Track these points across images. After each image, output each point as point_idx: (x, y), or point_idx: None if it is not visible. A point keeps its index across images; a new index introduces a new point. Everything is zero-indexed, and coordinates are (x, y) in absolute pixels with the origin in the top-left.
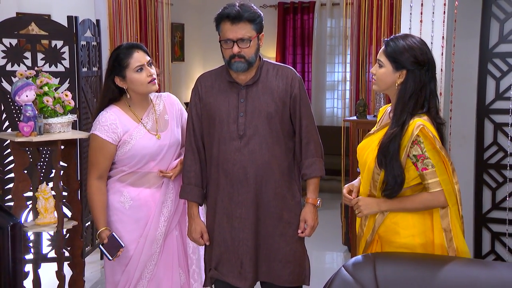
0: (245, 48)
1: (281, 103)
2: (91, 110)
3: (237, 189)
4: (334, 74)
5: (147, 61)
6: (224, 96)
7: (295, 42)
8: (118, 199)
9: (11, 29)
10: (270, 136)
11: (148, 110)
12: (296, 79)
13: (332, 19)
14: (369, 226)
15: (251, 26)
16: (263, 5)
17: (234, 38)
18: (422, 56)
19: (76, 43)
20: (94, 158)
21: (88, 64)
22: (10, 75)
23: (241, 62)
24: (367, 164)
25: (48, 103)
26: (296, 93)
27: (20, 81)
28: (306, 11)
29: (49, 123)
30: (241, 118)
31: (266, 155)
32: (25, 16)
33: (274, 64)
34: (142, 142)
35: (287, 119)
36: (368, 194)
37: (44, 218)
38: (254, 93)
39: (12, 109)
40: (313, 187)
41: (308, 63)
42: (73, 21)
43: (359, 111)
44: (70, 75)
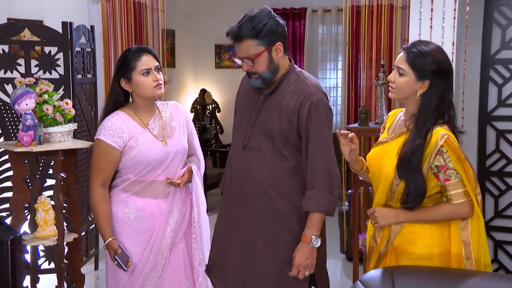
0: (252, 66)
1: (287, 122)
2: (86, 118)
3: (234, 197)
4: (326, 80)
5: (155, 66)
6: (247, 101)
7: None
8: (122, 210)
9: (4, 35)
10: (271, 153)
11: (154, 116)
12: (309, 99)
13: (324, 26)
14: (383, 237)
15: (256, 42)
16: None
17: (240, 56)
18: (445, 65)
19: (71, 49)
20: (98, 164)
21: (82, 71)
22: (3, 82)
23: (256, 79)
24: (383, 174)
25: (48, 112)
26: (303, 115)
27: (19, 89)
28: (298, 17)
29: (49, 132)
30: (250, 128)
31: (263, 171)
32: (19, 22)
33: (298, 76)
34: (148, 148)
35: (296, 138)
36: (384, 205)
37: (43, 231)
38: (268, 105)
39: (5, 117)
40: (309, 223)
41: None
42: (67, 27)
43: (361, 118)
44: (64, 82)
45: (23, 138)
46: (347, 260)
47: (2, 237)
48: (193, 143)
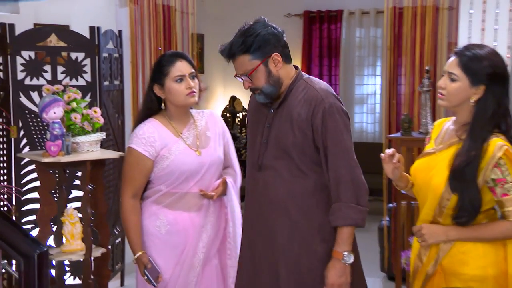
0: (251, 82)
1: (301, 134)
2: (113, 127)
3: (252, 222)
4: (363, 86)
5: (189, 73)
6: (257, 117)
7: (322, 53)
8: (153, 224)
9: (30, 41)
10: (287, 170)
11: (188, 125)
12: (320, 105)
13: (362, 29)
14: (431, 256)
15: (249, 57)
16: (288, 14)
17: (238, 74)
18: (502, 69)
19: (98, 55)
20: (129, 174)
21: (109, 78)
22: (29, 89)
23: (259, 94)
24: (431, 188)
25: (76, 120)
26: (317, 123)
27: (47, 97)
28: (334, 20)
29: (77, 141)
30: (263, 145)
31: (281, 191)
32: (45, 27)
33: (307, 83)
34: (181, 158)
35: (313, 151)
36: (431, 221)
37: (70, 245)
38: (278, 119)
39: (31, 125)
40: (339, 238)
41: (335, 75)
42: (95, 32)
43: (404, 128)
44: (91, 89)
45: (50, 148)
46: (387, 279)
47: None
48: (229, 155)
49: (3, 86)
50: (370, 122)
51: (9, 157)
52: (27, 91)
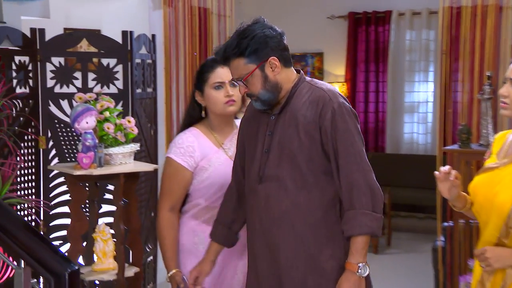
0: (246, 87)
1: (307, 138)
2: (145, 137)
3: (254, 242)
4: (414, 94)
5: (230, 80)
6: (256, 126)
7: (368, 58)
8: (191, 240)
9: (61, 46)
10: (291, 179)
11: (231, 135)
12: (328, 106)
13: (412, 31)
14: (496, 283)
15: (244, 61)
16: (331, 15)
17: (233, 79)
18: None
19: (131, 61)
20: (167, 185)
21: (142, 85)
22: (59, 97)
23: (255, 101)
24: (495, 206)
25: (109, 131)
26: (326, 126)
27: (80, 106)
28: (381, 22)
29: (110, 153)
30: (264, 155)
31: (284, 203)
32: (76, 32)
33: (311, 84)
34: (221, 170)
35: (321, 157)
36: (496, 243)
37: (102, 264)
38: (281, 124)
39: (60, 136)
40: (353, 248)
41: (383, 81)
42: (128, 37)
43: (462, 139)
44: (123, 97)
45: (82, 160)
46: None
47: (59, 269)
48: None
49: (32, 94)
50: (422, 133)
51: (37, 169)
52: (56, 99)
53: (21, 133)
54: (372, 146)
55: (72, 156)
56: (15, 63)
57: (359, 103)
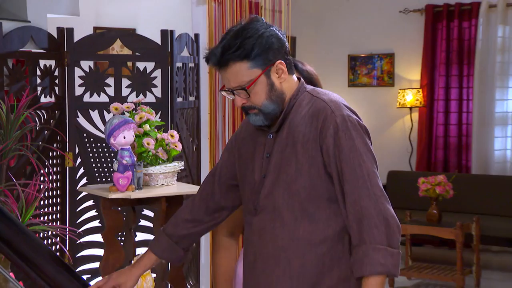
0: (247, 97)
1: (307, 160)
2: (187, 154)
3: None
4: (507, 102)
5: None
6: (252, 147)
7: (450, 59)
8: None
9: (91, 48)
10: (288, 209)
11: None
12: (330, 120)
13: (506, 26)
14: None
15: (248, 65)
16: (405, 9)
17: (229, 87)
18: None
19: (171, 64)
20: None
21: (184, 93)
22: (88, 107)
23: (255, 114)
24: None
25: (150, 147)
26: (328, 143)
27: (116, 118)
28: (467, 16)
29: (149, 173)
30: (261, 181)
31: (280, 237)
32: (109, 32)
33: (312, 95)
34: None
35: (323, 181)
36: None
37: None
38: (279, 144)
39: (89, 152)
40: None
41: (468, 87)
42: (167, 36)
43: None
44: (161, 107)
45: (119, 181)
46: None
47: None
48: None
49: (58, 104)
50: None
51: (63, 191)
52: (86, 109)
53: (45, 148)
54: (454, 166)
55: (102, 176)
56: (40, 68)
57: (438, 113)
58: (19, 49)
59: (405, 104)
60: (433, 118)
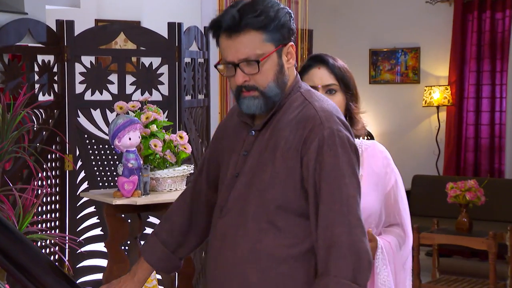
0: (254, 74)
1: (284, 169)
2: (195, 156)
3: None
4: None
5: (325, 84)
6: (232, 142)
7: (481, 54)
8: None
9: (94, 43)
10: (254, 218)
11: None
12: (317, 131)
13: None
14: None
15: (263, 37)
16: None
17: (235, 60)
18: None
19: (179, 60)
20: None
21: (192, 90)
22: (90, 106)
23: (254, 98)
24: None
25: (157, 149)
26: (310, 157)
27: (121, 118)
28: (500, 7)
29: (157, 177)
30: (233, 180)
31: (241, 247)
32: (112, 25)
33: (305, 98)
34: None
35: (298, 196)
36: None
37: None
38: (259, 143)
39: (91, 155)
40: None
41: (501, 84)
42: (175, 30)
43: None
44: (169, 106)
45: (124, 185)
46: None
47: None
48: (396, 207)
49: (57, 103)
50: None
51: (63, 196)
52: (87, 108)
53: (43, 150)
54: (485, 169)
55: (105, 180)
56: (38, 63)
57: (468, 112)
58: (15, 43)
59: (432, 103)
60: (463, 118)
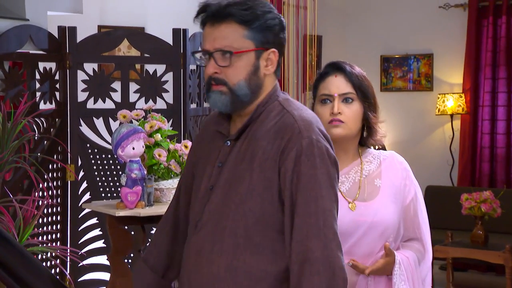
0: (226, 66)
1: (261, 180)
2: None
3: None
4: None
5: (341, 93)
6: (206, 152)
7: (496, 60)
8: None
9: (96, 49)
10: (231, 233)
11: (350, 166)
12: (295, 141)
13: None
14: None
15: (244, 32)
16: (445, 4)
17: (210, 49)
18: None
19: (184, 67)
20: None
21: (198, 98)
22: (92, 115)
23: (221, 93)
24: None
25: (161, 159)
26: (288, 167)
27: (124, 127)
28: None
29: (161, 188)
30: (207, 193)
31: (217, 264)
32: (115, 31)
33: (283, 107)
34: None
35: (276, 209)
36: None
37: None
38: (235, 153)
39: (93, 165)
40: None
41: None
42: (180, 36)
43: None
44: (173, 115)
45: (127, 196)
46: None
47: None
48: (415, 221)
49: (59, 111)
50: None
51: (65, 207)
52: (89, 117)
53: (44, 160)
54: (502, 180)
55: (108, 191)
56: (39, 71)
57: (483, 121)
58: (16, 50)
59: (446, 111)
60: (478, 127)
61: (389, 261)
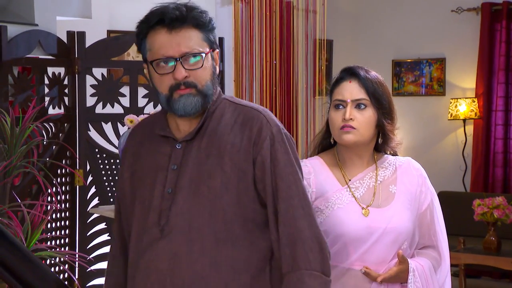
0: (196, 69)
1: (235, 172)
2: None
3: None
4: None
5: (355, 99)
6: (151, 160)
7: (509, 65)
8: None
9: (105, 54)
10: (210, 229)
11: (365, 171)
12: (266, 130)
13: None
14: None
15: (201, 35)
16: (458, 8)
17: (176, 54)
18: None
19: None
20: None
21: None
22: (101, 120)
23: (192, 95)
24: None
25: None
26: (264, 156)
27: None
28: None
29: None
30: (166, 197)
31: (200, 262)
32: (124, 36)
33: (235, 103)
34: (340, 215)
35: (251, 199)
36: None
37: None
38: (195, 154)
39: (102, 169)
40: None
41: None
42: None
43: None
44: None
45: None
46: None
47: None
48: (431, 228)
49: (68, 116)
50: None
51: (73, 212)
52: (98, 122)
53: (53, 165)
54: None
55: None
56: (48, 76)
57: (496, 126)
58: (25, 55)
59: (458, 116)
60: (491, 132)
61: (403, 269)
